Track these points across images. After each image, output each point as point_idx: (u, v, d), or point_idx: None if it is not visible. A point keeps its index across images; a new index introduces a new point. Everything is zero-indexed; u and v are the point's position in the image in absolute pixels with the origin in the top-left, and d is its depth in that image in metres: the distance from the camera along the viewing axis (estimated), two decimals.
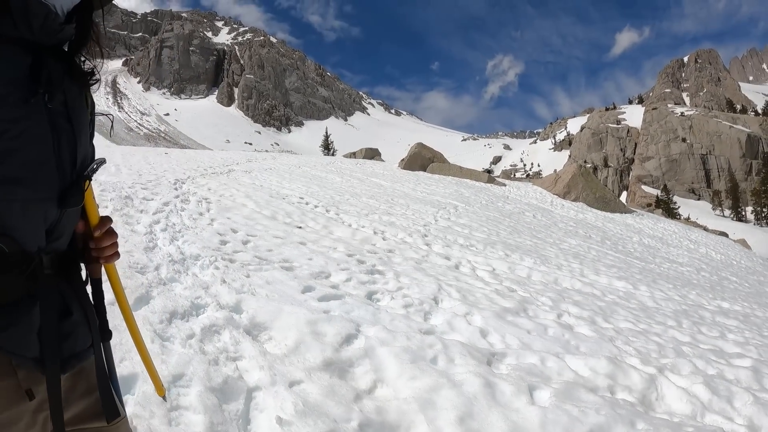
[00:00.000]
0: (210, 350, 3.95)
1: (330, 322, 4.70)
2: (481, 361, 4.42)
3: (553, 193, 33.35)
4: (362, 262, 7.75)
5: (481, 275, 8.41)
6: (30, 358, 1.28)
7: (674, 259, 18.21)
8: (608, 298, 8.37)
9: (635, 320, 7.10)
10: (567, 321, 6.49)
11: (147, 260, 6.07)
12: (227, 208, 10.58)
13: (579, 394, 4.02)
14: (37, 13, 1.25)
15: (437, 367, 4.19)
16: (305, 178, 19.15)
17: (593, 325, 6.42)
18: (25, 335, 1.27)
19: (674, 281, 12.23)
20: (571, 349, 5.33)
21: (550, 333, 5.74)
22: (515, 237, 13.99)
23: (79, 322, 1.49)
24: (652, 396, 4.32)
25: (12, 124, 1.20)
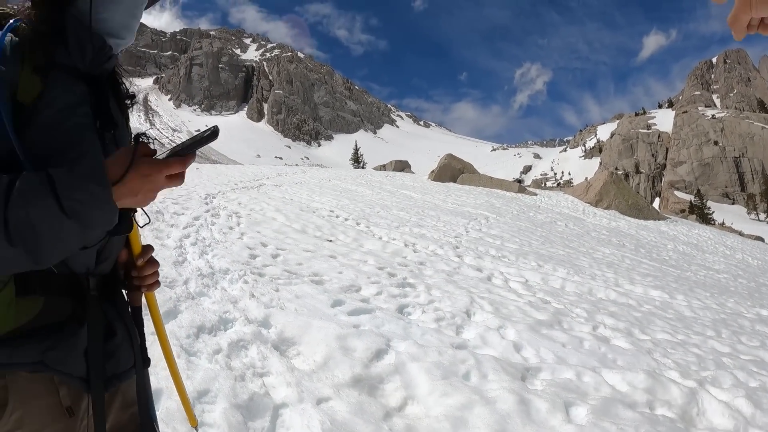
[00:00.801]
0: (237, 366, 3.87)
1: (360, 337, 4.59)
2: (515, 377, 4.27)
3: (584, 202, 32.83)
4: (393, 275, 7.64)
5: (513, 287, 8.22)
6: (75, 377, 1.33)
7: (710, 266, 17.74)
8: (644, 309, 8.12)
9: (673, 331, 6.85)
10: (603, 333, 6.27)
11: (176, 274, 6.05)
12: (257, 222, 10.57)
13: (617, 410, 3.85)
14: (93, 46, 1.42)
15: (470, 384, 4.05)
16: (335, 192, 19.12)
17: (630, 337, 6.20)
18: (72, 355, 1.33)
19: (711, 289, 11.88)
20: (607, 362, 5.14)
21: (585, 346, 5.55)
22: (547, 247, 13.74)
23: (122, 343, 1.52)
24: (692, 411, 4.12)
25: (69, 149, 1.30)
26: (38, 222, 1.07)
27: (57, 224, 1.09)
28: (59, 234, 1.11)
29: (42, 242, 1.09)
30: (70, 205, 1.09)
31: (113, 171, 1.16)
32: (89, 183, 1.12)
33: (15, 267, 1.11)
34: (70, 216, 1.09)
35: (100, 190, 1.12)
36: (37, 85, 1.28)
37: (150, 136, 1.33)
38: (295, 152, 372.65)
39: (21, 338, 1.25)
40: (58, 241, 1.12)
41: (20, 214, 1.05)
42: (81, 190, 1.11)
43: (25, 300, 1.26)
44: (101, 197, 1.13)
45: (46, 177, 1.10)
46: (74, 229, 1.12)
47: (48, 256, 1.12)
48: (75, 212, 1.10)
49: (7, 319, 1.24)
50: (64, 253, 1.17)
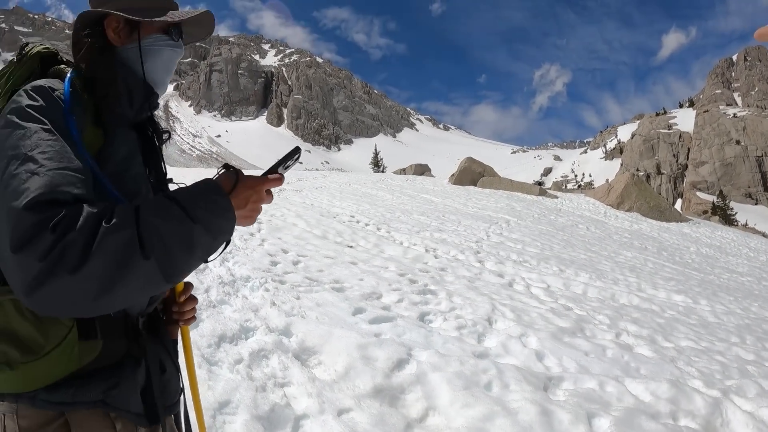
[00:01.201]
0: (258, 376, 3.87)
1: (381, 347, 4.57)
2: (538, 387, 4.23)
3: (606, 204, 32.51)
4: (414, 281, 7.61)
5: (535, 293, 8.15)
6: (133, 413, 1.40)
7: (733, 268, 17.49)
8: (668, 315, 8.02)
9: (696, 338, 6.76)
10: (626, 341, 6.20)
11: (197, 282, 6.07)
12: (278, 228, 10.57)
13: (640, 421, 3.79)
14: (144, 95, 1.57)
15: (491, 394, 4.02)
16: (356, 196, 19.11)
17: (653, 345, 6.12)
18: (131, 393, 1.40)
19: (735, 293, 11.71)
20: (631, 371, 5.07)
21: (608, 355, 5.48)
22: (569, 251, 13.63)
23: (170, 378, 1.62)
24: (716, 422, 4.03)
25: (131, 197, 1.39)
26: (169, 234, 1.12)
27: (186, 233, 1.15)
28: (188, 244, 1.16)
29: (173, 254, 1.13)
30: (197, 214, 1.17)
31: (224, 184, 1.29)
32: (210, 194, 1.23)
33: (146, 284, 1.13)
34: (196, 221, 1.16)
35: (220, 198, 1.23)
36: (100, 137, 1.39)
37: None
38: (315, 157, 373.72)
39: (82, 378, 1.31)
40: (187, 252, 1.16)
41: (152, 229, 1.10)
42: (205, 200, 1.20)
43: (87, 343, 1.32)
44: (223, 204, 1.23)
45: (167, 196, 1.19)
46: (202, 238, 1.18)
47: (178, 269, 1.16)
48: (202, 219, 1.17)
49: (71, 361, 1.29)
50: (191, 266, 1.21)
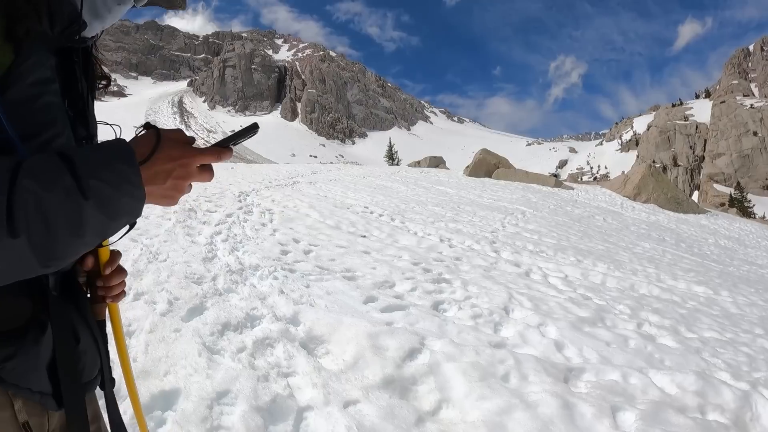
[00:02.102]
0: (261, 365, 3.69)
1: (392, 335, 4.35)
2: (558, 378, 4.00)
3: (622, 195, 32.13)
4: (428, 270, 7.41)
5: (553, 282, 7.93)
6: (36, 392, 1.10)
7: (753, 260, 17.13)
8: (689, 305, 7.76)
9: (720, 329, 6.49)
10: (648, 331, 5.94)
11: (204, 270, 5.95)
12: (290, 218, 10.45)
13: (667, 415, 3.57)
14: (67, 15, 1.19)
15: (509, 386, 3.79)
16: (370, 188, 18.97)
17: (677, 336, 5.87)
18: (31, 367, 1.08)
19: (756, 285, 11.40)
20: (655, 362, 4.82)
21: (631, 345, 5.23)
22: (586, 242, 13.39)
23: (86, 350, 1.27)
24: (746, 416, 3.79)
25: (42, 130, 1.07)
26: (51, 207, 0.85)
27: (74, 211, 0.88)
28: (76, 224, 0.89)
29: (53, 234, 0.87)
30: (92, 186, 0.89)
31: (139, 150, 0.99)
32: (115, 160, 0.93)
33: (12, 268, 0.88)
34: (89, 196, 0.88)
35: (128, 169, 0.94)
36: (8, 54, 1.04)
37: None
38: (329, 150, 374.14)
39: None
40: (72, 234, 0.90)
41: (29, 198, 0.83)
42: (106, 168, 0.91)
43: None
44: (130, 177, 0.94)
45: (61, 155, 0.90)
46: (94, 219, 0.91)
47: (58, 253, 0.90)
48: (97, 194, 0.90)
49: None
50: (77, 251, 0.95)
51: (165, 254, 6.55)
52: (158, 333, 4.00)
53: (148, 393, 3.15)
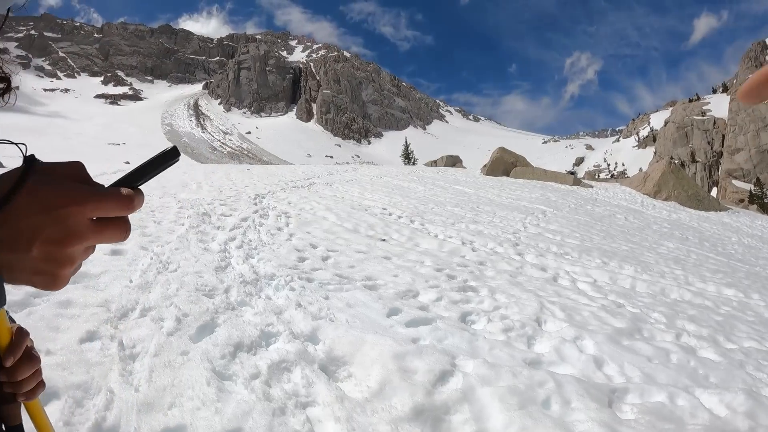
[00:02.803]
0: (276, 395, 3.32)
1: (420, 356, 3.97)
2: (602, 403, 3.62)
3: (642, 193, 31.71)
4: (452, 277, 7.07)
5: (582, 288, 7.61)
6: None
7: None
8: (723, 311, 7.40)
9: (759, 337, 6.11)
10: (687, 342, 5.57)
11: (217, 281, 5.65)
12: (307, 222, 10.18)
13: None
14: None
15: (551, 413, 3.42)
16: (387, 188, 18.70)
17: (717, 347, 5.49)
18: None
19: None
20: (699, 379, 4.46)
21: (673, 360, 4.86)
22: (609, 242, 13.05)
23: None
24: None
25: None
26: None
27: None
28: None
29: None
30: None
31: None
32: None
33: None
34: None
35: None
36: None
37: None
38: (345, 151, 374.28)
39: None
40: None
41: None
42: None
43: None
44: None
45: None
46: None
47: None
48: None
49: None
50: None
51: (176, 263, 6.24)
52: (164, 356, 3.66)
53: (150, 431, 2.81)
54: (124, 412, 2.95)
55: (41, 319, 4.00)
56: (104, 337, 3.90)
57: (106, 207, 0.64)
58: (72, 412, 2.87)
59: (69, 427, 2.75)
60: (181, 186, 14.53)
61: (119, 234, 0.67)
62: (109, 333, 3.99)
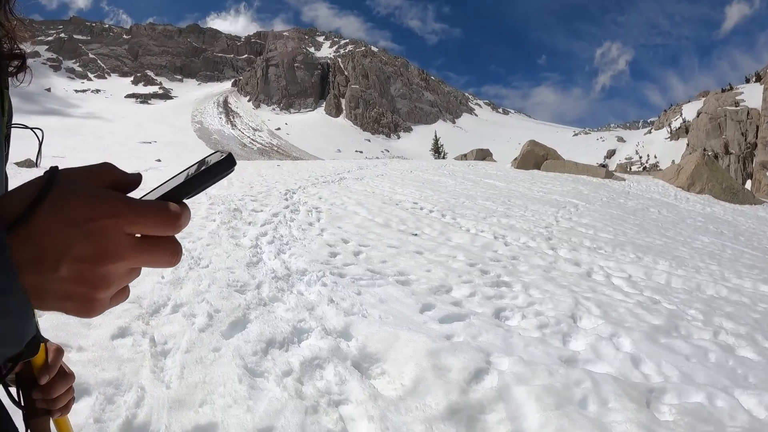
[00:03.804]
0: (309, 392, 3.28)
1: (455, 353, 3.89)
2: (640, 403, 3.50)
3: (675, 186, 31.03)
4: (485, 272, 6.96)
5: (617, 284, 7.45)
6: None
7: None
8: (761, 308, 7.16)
9: None
10: (725, 341, 5.39)
11: (248, 277, 5.63)
12: (338, 216, 10.12)
13: None
14: None
15: (588, 413, 3.31)
16: (418, 183, 18.59)
17: (755, 345, 5.31)
18: None
19: None
20: (738, 380, 4.32)
21: (711, 359, 4.72)
22: (643, 236, 12.79)
23: None
24: None
25: None
26: None
27: None
28: None
29: None
30: None
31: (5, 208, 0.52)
32: None
33: None
34: None
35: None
36: None
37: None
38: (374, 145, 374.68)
39: None
40: None
41: None
42: None
43: None
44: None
45: None
46: None
47: None
48: None
49: None
50: None
51: (207, 259, 6.24)
52: (195, 353, 3.63)
53: (181, 429, 2.79)
54: (155, 409, 2.93)
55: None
56: (136, 334, 3.90)
57: (145, 222, 0.53)
58: (103, 409, 2.86)
59: (99, 423, 2.74)
60: None
61: (166, 256, 0.56)
62: (140, 329, 3.98)
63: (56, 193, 0.51)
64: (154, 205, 0.54)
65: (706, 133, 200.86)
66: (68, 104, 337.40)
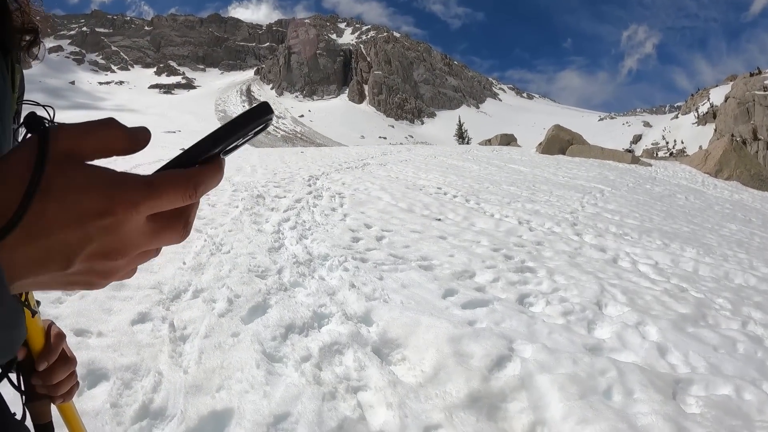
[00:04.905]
0: (327, 378, 3.24)
1: (477, 339, 3.82)
2: (666, 395, 3.41)
3: (703, 172, 30.46)
4: (509, 257, 6.87)
5: (643, 271, 7.31)
6: None
7: None
8: None
9: None
10: (754, 331, 5.22)
11: (270, 262, 5.61)
12: (361, 202, 10.08)
13: None
14: None
15: (613, 404, 3.23)
16: (442, 168, 18.47)
17: None
18: None
19: None
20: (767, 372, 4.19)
21: (740, 350, 4.58)
22: (670, 223, 12.59)
23: None
24: None
25: None
26: None
27: None
28: None
29: None
30: None
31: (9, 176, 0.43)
32: None
33: None
34: None
35: None
36: None
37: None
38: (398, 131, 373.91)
39: None
40: None
41: None
42: None
43: None
44: None
45: None
46: None
47: None
48: None
49: None
50: None
51: (229, 245, 6.24)
52: (214, 338, 3.62)
53: (197, 414, 2.77)
54: (172, 394, 2.91)
55: (94, 302, 4.01)
56: (156, 319, 3.89)
57: (164, 204, 0.47)
58: (120, 394, 2.85)
59: (116, 408, 2.72)
60: (235, 170, 14.61)
61: (177, 232, 0.51)
62: (160, 314, 3.98)
63: (60, 179, 0.43)
64: (172, 179, 0.46)
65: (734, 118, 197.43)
66: (95, 98, 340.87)
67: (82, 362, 3.07)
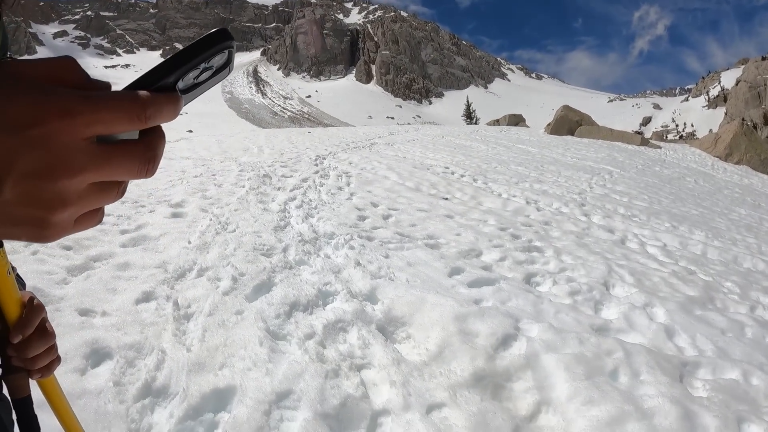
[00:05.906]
0: (330, 356, 3.23)
1: (482, 318, 3.79)
2: (674, 377, 3.40)
3: (713, 156, 30.32)
4: (517, 236, 6.85)
5: (652, 252, 7.31)
6: None
7: None
8: None
9: None
10: (762, 316, 5.23)
11: (275, 241, 5.59)
12: (368, 181, 10.04)
13: None
14: None
15: (619, 385, 3.21)
16: (449, 148, 18.37)
17: None
18: None
19: None
20: None
21: (748, 334, 4.57)
22: (679, 206, 12.54)
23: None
24: None
25: None
26: None
27: None
28: None
29: None
30: None
31: None
32: None
33: None
34: None
35: None
36: None
37: None
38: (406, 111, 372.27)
39: None
40: None
41: None
42: None
43: None
44: None
45: None
46: None
47: None
48: None
49: None
50: None
51: (234, 224, 6.21)
52: (218, 316, 3.60)
53: (200, 392, 2.76)
54: (175, 372, 2.91)
55: (99, 282, 4.00)
56: (160, 298, 3.88)
57: (105, 119, 0.41)
58: (123, 372, 2.84)
59: (119, 387, 2.72)
60: (242, 150, 14.56)
61: (135, 164, 0.44)
62: (165, 293, 3.96)
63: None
64: (115, 95, 0.42)
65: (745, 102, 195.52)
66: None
67: (85, 341, 3.07)
